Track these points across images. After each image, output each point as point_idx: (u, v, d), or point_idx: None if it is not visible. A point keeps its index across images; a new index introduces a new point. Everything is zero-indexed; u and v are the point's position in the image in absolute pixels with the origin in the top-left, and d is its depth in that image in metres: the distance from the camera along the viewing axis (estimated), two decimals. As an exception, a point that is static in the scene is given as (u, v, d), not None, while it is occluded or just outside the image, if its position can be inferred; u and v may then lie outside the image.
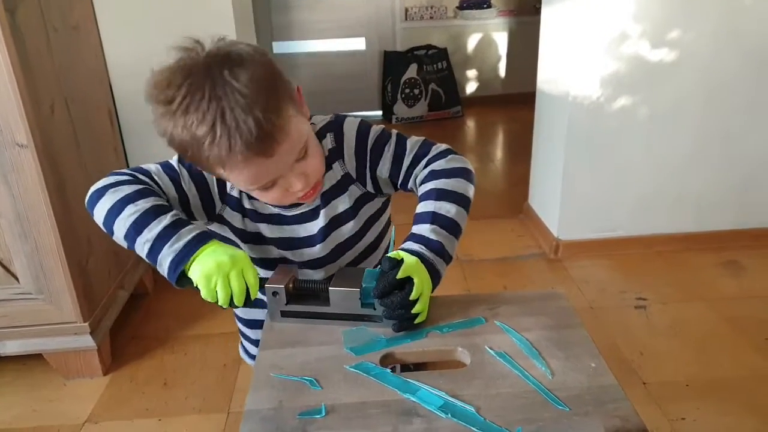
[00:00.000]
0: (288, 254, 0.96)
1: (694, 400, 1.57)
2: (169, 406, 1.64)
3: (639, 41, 2.08)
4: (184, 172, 0.89)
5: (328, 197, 0.93)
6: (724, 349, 1.78)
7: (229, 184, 0.91)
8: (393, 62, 4.54)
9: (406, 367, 0.82)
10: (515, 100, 4.68)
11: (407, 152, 0.92)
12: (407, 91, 4.53)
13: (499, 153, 4.01)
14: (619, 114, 2.19)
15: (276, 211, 0.92)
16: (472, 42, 4.86)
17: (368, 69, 4.70)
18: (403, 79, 4.50)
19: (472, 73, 4.97)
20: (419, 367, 0.87)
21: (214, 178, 0.89)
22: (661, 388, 1.62)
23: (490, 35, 4.85)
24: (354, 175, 0.93)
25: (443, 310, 0.86)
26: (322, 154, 0.87)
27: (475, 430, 0.64)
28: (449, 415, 0.66)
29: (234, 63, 0.72)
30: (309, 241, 0.95)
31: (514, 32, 4.83)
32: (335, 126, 0.92)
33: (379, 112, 4.77)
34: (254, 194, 0.85)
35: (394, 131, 0.94)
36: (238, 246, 0.93)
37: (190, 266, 0.78)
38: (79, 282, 1.65)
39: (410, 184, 0.93)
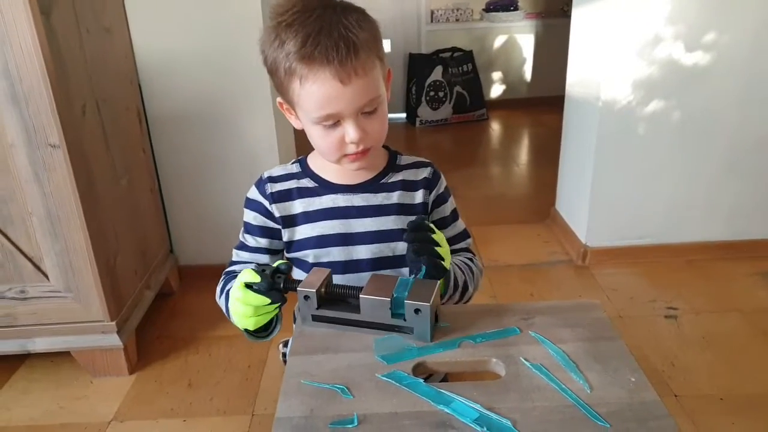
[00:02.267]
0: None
1: (728, 414, 1.53)
2: (193, 407, 1.65)
3: (673, 44, 2.04)
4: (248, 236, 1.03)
5: (408, 209, 0.99)
6: (761, 363, 1.73)
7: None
8: (418, 64, 4.53)
9: (445, 378, 0.80)
10: (541, 103, 4.64)
11: (457, 226, 1.07)
12: (432, 93, 4.51)
13: (524, 157, 3.97)
14: (651, 119, 2.15)
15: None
16: (497, 44, 4.82)
17: (393, 71, 4.67)
18: (428, 81, 4.48)
19: (497, 75, 4.93)
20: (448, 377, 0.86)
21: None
22: (693, 402, 1.58)
23: (516, 38, 4.81)
24: (430, 209, 1.03)
25: (475, 319, 0.84)
26: (386, 126, 0.93)
27: (512, 445, 0.62)
28: (485, 429, 0.64)
29: (348, 7, 0.84)
30: (358, 239, 0.97)
31: (541, 35, 4.79)
32: (435, 168, 1.05)
33: (403, 115, 4.76)
34: (315, 135, 0.90)
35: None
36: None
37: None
38: (107, 281, 1.67)
39: None
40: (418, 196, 1.00)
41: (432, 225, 0.88)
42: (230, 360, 1.84)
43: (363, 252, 0.97)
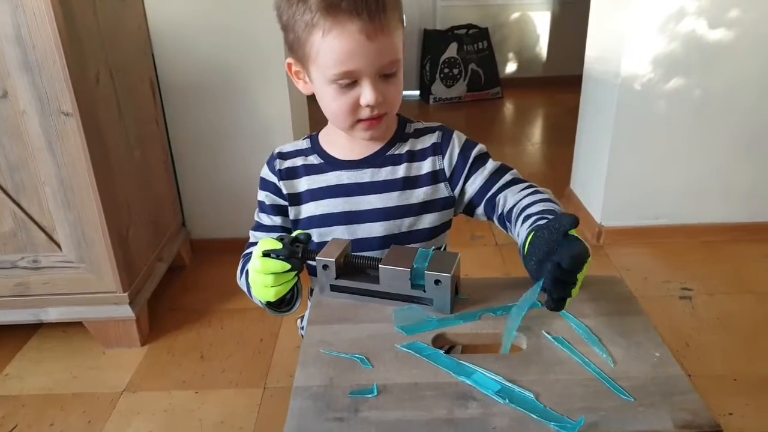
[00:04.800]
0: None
1: (742, 395, 1.52)
2: (205, 379, 1.65)
3: (696, 20, 1.99)
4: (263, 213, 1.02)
5: (412, 182, 0.94)
6: (775, 345, 1.71)
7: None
8: (433, 41, 4.47)
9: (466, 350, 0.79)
10: (556, 82, 4.58)
11: (506, 174, 0.95)
12: (446, 71, 4.45)
13: (538, 136, 3.92)
14: (671, 97, 2.11)
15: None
16: (513, 22, 4.75)
17: (407, 47, 4.63)
18: (443, 58, 4.42)
19: (512, 53, 4.86)
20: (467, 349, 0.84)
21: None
22: (708, 382, 1.56)
23: (532, 15, 4.74)
24: (447, 173, 0.96)
25: (495, 292, 0.82)
26: (401, 94, 0.90)
27: (535, 416, 0.61)
28: (507, 401, 0.63)
29: None
30: (364, 216, 0.94)
31: (558, 13, 4.71)
32: (445, 129, 0.98)
33: (417, 92, 4.71)
34: (327, 97, 0.86)
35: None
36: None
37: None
38: (120, 252, 1.66)
39: (499, 203, 0.91)
40: (426, 166, 0.95)
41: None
42: (242, 333, 1.84)
43: (369, 230, 0.95)
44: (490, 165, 0.96)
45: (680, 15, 1.98)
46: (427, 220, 0.96)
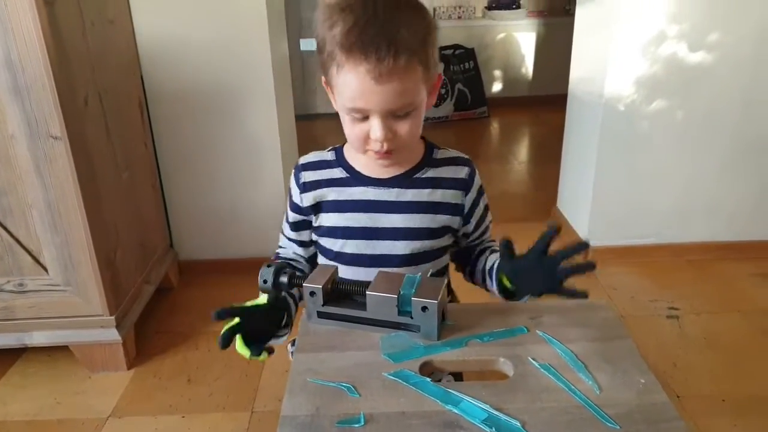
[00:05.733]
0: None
1: (730, 416, 1.52)
2: (192, 403, 1.64)
3: (677, 43, 2.03)
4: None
5: (436, 207, 0.97)
6: (762, 364, 1.72)
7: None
8: (420, 61, 4.51)
9: (459, 377, 0.79)
10: (542, 102, 4.63)
11: (488, 220, 1.06)
12: (433, 90, 4.49)
13: (525, 155, 3.96)
14: (654, 117, 2.14)
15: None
16: (499, 43, 4.81)
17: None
18: (430, 78, 4.47)
19: (498, 73, 4.92)
20: (456, 377, 0.85)
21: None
22: (695, 402, 1.57)
23: (517, 36, 4.80)
24: (465, 211, 1.00)
25: (483, 318, 0.83)
26: (418, 131, 0.90)
27: (521, 446, 0.61)
28: (494, 430, 0.63)
29: (409, 2, 0.83)
30: (385, 234, 0.96)
31: (543, 34, 4.78)
32: (471, 165, 1.01)
33: (405, 111, 4.75)
34: (345, 123, 0.88)
35: None
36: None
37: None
38: (107, 275, 1.65)
39: (474, 246, 1.06)
40: (450, 196, 0.98)
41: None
42: (230, 356, 1.81)
43: (391, 247, 0.96)
44: (487, 220, 1.05)
45: (661, 38, 2.02)
46: (442, 243, 0.99)
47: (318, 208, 0.98)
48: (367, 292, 0.78)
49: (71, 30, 1.51)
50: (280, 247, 1.07)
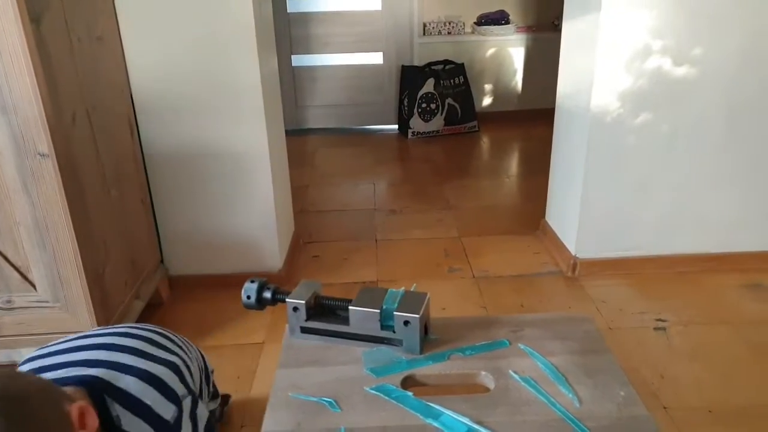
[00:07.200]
0: None
1: (717, 427, 1.53)
2: (181, 419, 1.62)
3: (662, 57, 2.06)
4: None
5: None
6: (749, 375, 1.73)
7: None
8: (410, 77, 4.54)
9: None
10: (531, 116, 4.66)
11: None
12: (424, 105, 4.52)
13: (514, 168, 3.98)
14: (640, 131, 2.17)
15: None
16: (489, 58, 4.85)
17: (385, 83, 4.70)
18: (420, 93, 4.49)
19: (488, 88, 4.95)
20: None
21: None
22: (683, 414, 1.58)
23: (507, 51, 4.84)
24: None
25: (465, 331, 0.84)
26: None
27: (501, 459, 0.62)
28: (473, 443, 0.64)
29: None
30: None
31: (532, 49, 4.82)
32: None
33: (395, 126, 4.77)
34: None
35: None
36: None
37: None
38: (96, 291, 1.65)
39: None
40: None
41: None
42: (220, 370, 1.82)
43: None
44: None
45: (646, 53, 2.05)
46: None
47: None
48: (349, 307, 0.79)
49: (58, 47, 1.52)
50: None
